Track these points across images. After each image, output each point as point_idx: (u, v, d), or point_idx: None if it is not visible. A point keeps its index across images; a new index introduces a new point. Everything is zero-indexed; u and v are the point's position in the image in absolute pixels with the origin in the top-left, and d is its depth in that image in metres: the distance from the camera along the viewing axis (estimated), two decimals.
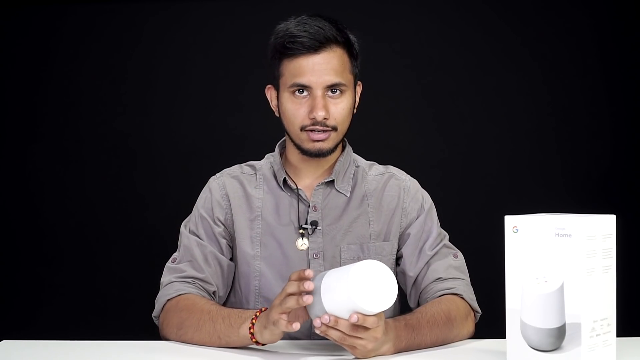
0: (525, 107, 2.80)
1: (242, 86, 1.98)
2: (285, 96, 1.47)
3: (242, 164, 1.63)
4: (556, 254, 1.14)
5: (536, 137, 2.79)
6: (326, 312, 1.19)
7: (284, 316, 1.22)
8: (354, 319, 1.17)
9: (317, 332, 1.21)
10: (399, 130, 2.83)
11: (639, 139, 2.78)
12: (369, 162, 1.65)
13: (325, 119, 1.45)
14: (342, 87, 1.46)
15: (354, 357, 1.27)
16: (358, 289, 1.16)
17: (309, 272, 1.21)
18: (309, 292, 1.19)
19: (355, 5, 2.78)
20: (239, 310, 1.38)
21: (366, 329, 1.20)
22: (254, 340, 1.30)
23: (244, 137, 2.71)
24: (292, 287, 1.21)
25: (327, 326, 1.19)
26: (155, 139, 2.85)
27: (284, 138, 1.58)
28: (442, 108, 2.82)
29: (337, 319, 1.18)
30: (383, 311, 1.19)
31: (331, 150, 1.49)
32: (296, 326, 1.20)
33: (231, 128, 2.80)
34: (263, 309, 1.31)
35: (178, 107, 2.85)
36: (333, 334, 1.20)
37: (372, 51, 2.75)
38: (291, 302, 1.20)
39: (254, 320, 1.30)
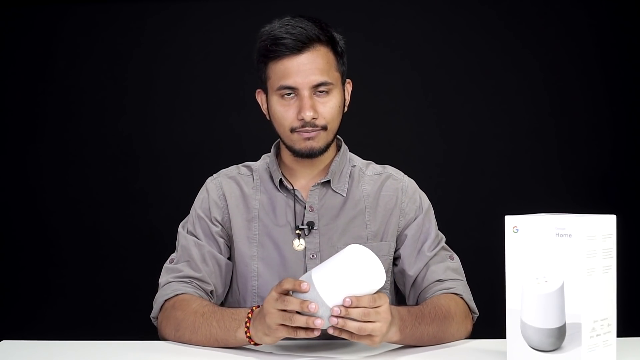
0: (525, 107, 2.80)
1: (243, 86, 1.97)
2: (274, 99, 1.48)
3: (239, 165, 1.63)
4: (556, 254, 1.14)
5: (536, 137, 2.79)
6: (330, 307, 1.19)
7: (284, 329, 1.22)
8: (347, 302, 1.18)
9: (331, 332, 1.21)
10: (399, 130, 2.83)
11: (639, 139, 2.78)
12: (365, 161, 1.65)
13: (314, 118, 1.44)
14: (329, 86, 1.46)
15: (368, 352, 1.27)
16: (360, 270, 1.19)
17: (305, 286, 1.20)
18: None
19: (355, 6, 2.79)
20: (231, 311, 1.38)
21: (376, 311, 1.20)
22: (252, 342, 1.31)
23: (246, 137, 2.71)
24: (294, 305, 1.19)
25: (344, 318, 1.19)
26: (157, 139, 2.85)
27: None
28: (442, 108, 2.82)
29: (347, 308, 1.18)
30: (383, 291, 1.22)
31: (322, 150, 1.49)
32: (317, 332, 1.20)
33: (233, 128, 2.80)
34: (254, 308, 1.31)
35: (179, 107, 2.85)
36: (351, 325, 1.20)
37: (372, 51, 2.78)
38: (299, 322, 1.19)
39: (248, 324, 1.30)
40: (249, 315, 1.31)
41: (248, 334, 1.30)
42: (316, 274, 1.21)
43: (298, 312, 1.20)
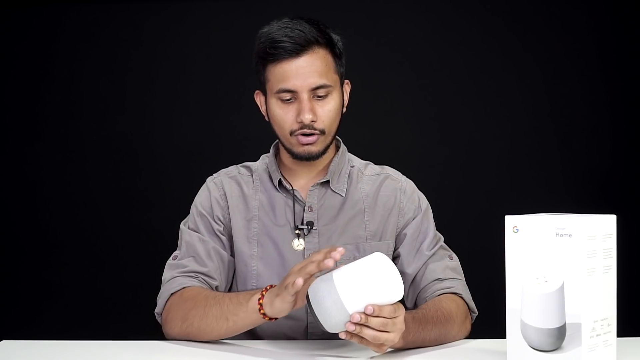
0: (525, 107, 2.80)
1: (243, 86, 1.97)
2: (273, 102, 1.48)
3: (239, 165, 1.63)
4: (556, 254, 1.14)
5: (536, 137, 2.80)
6: (350, 313, 1.18)
7: (300, 280, 1.20)
8: (370, 310, 1.17)
9: (344, 337, 1.20)
10: (399, 130, 2.83)
11: (639, 139, 2.78)
12: (364, 161, 1.65)
13: (313, 121, 1.45)
14: (328, 89, 1.46)
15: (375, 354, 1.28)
16: (384, 281, 1.17)
17: (341, 249, 1.20)
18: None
19: (354, 6, 2.79)
20: (246, 291, 1.41)
21: (393, 322, 1.20)
22: (262, 312, 1.29)
23: (246, 137, 2.72)
24: (319, 255, 1.21)
25: (361, 325, 1.18)
26: (157, 139, 2.85)
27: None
28: (442, 108, 2.82)
29: (367, 315, 1.18)
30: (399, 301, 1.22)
31: (321, 154, 1.49)
32: (299, 282, 1.19)
33: (232, 128, 2.80)
34: (269, 286, 1.31)
35: (179, 107, 2.85)
36: (367, 333, 1.19)
37: (372, 52, 2.78)
38: (311, 267, 1.20)
39: (264, 292, 1.30)
40: (267, 287, 1.31)
41: (261, 301, 1.29)
42: (338, 276, 1.19)
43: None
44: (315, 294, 1.19)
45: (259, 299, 1.29)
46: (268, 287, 1.31)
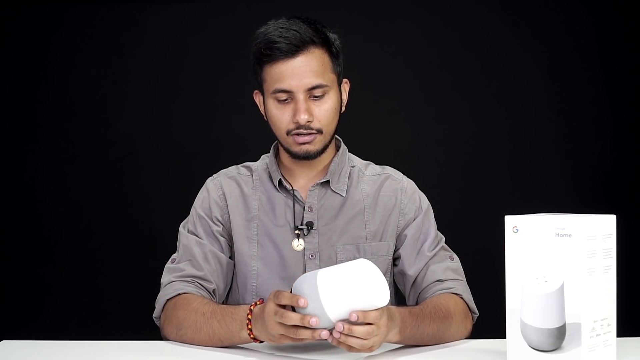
0: (525, 108, 2.80)
1: (244, 86, 1.98)
2: (270, 102, 1.48)
3: (239, 165, 1.63)
4: (556, 254, 1.14)
5: (536, 138, 2.79)
6: (333, 321, 1.18)
7: (288, 338, 1.22)
8: (354, 317, 1.17)
9: (330, 340, 1.21)
10: (399, 130, 2.83)
11: (639, 139, 2.78)
12: (365, 161, 1.65)
13: (309, 122, 1.45)
14: (325, 88, 1.46)
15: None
16: (368, 287, 1.17)
17: (303, 302, 1.18)
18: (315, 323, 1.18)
19: (355, 6, 2.78)
20: (231, 310, 1.37)
21: (377, 325, 1.20)
22: (257, 342, 1.32)
23: (246, 137, 2.71)
24: (293, 321, 1.19)
25: (346, 335, 1.19)
26: (157, 139, 2.85)
27: None
28: (442, 108, 2.82)
29: (350, 326, 1.18)
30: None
31: (319, 153, 1.50)
32: (325, 334, 1.20)
33: (233, 128, 2.80)
34: (252, 307, 1.31)
35: (179, 107, 2.85)
36: (353, 342, 1.20)
37: (372, 52, 2.78)
38: (305, 335, 1.19)
39: (249, 326, 1.30)
40: (249, 316, 1.31)
41: (252, 335, 1.30)
42: (322, 281, 1.18)
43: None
44: (299, 293, 1.20)
45: (249, 334, 1.30)
46: (250, 314, 1.30)
